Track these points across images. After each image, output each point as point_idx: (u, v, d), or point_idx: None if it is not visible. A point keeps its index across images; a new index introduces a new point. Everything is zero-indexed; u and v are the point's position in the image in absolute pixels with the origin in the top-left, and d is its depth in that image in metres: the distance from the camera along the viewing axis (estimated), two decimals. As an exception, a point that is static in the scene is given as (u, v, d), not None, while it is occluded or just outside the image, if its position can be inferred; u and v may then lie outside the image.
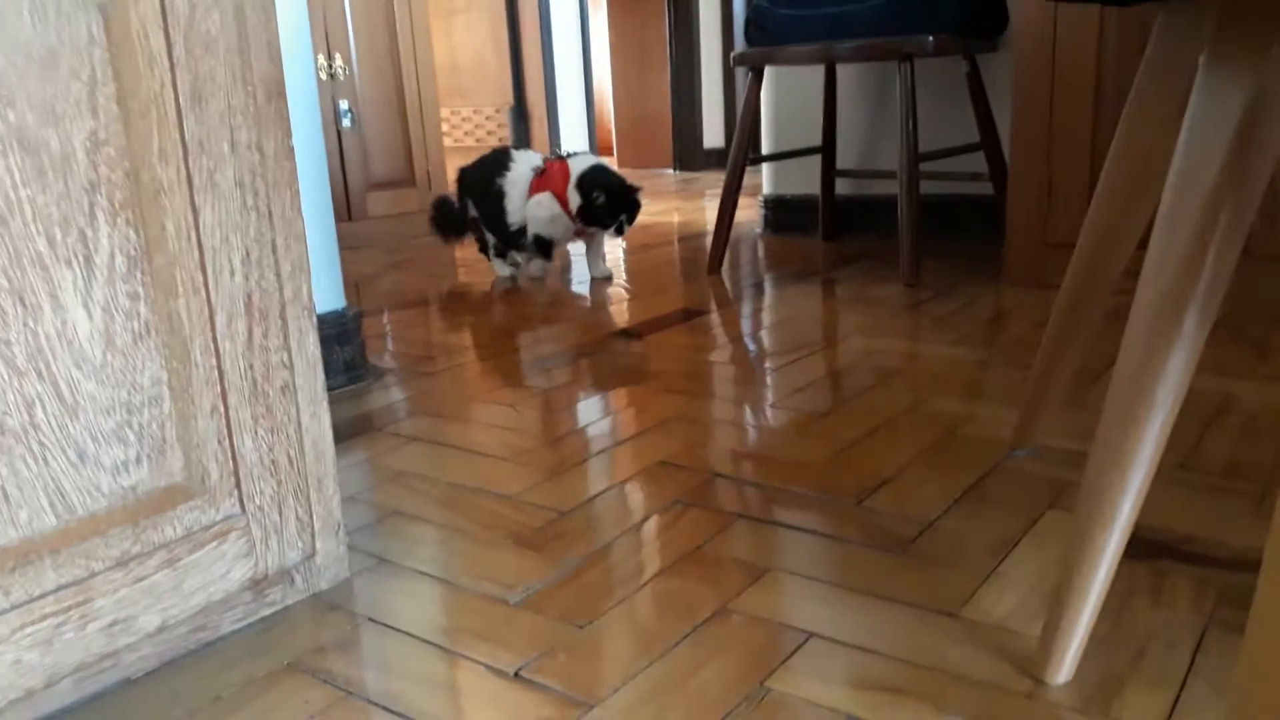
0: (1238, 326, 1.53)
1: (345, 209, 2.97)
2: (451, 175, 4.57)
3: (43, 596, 0.65)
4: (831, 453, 1.12)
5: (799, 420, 1.23)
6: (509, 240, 2.30)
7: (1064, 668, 0.67)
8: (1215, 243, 0.65)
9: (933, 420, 1.21)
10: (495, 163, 2.30)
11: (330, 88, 2.84)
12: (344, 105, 2.88)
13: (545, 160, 2.27)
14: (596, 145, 4.79)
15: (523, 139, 4.49)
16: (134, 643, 0.72)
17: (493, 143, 4.48)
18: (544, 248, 2.26)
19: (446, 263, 2.69)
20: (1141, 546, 0.85)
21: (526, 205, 2.22)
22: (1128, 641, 0.72)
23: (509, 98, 4.44)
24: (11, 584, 0.64)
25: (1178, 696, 0.66)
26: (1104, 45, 1.78)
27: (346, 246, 2.99)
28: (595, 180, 2.17)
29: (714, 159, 5.71)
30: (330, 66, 2.82)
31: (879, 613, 0.78)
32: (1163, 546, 0.85)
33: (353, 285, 2.42)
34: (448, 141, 4.58)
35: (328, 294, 1.47)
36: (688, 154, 5.74)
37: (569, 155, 2.28)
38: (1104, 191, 0.91)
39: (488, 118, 4.47)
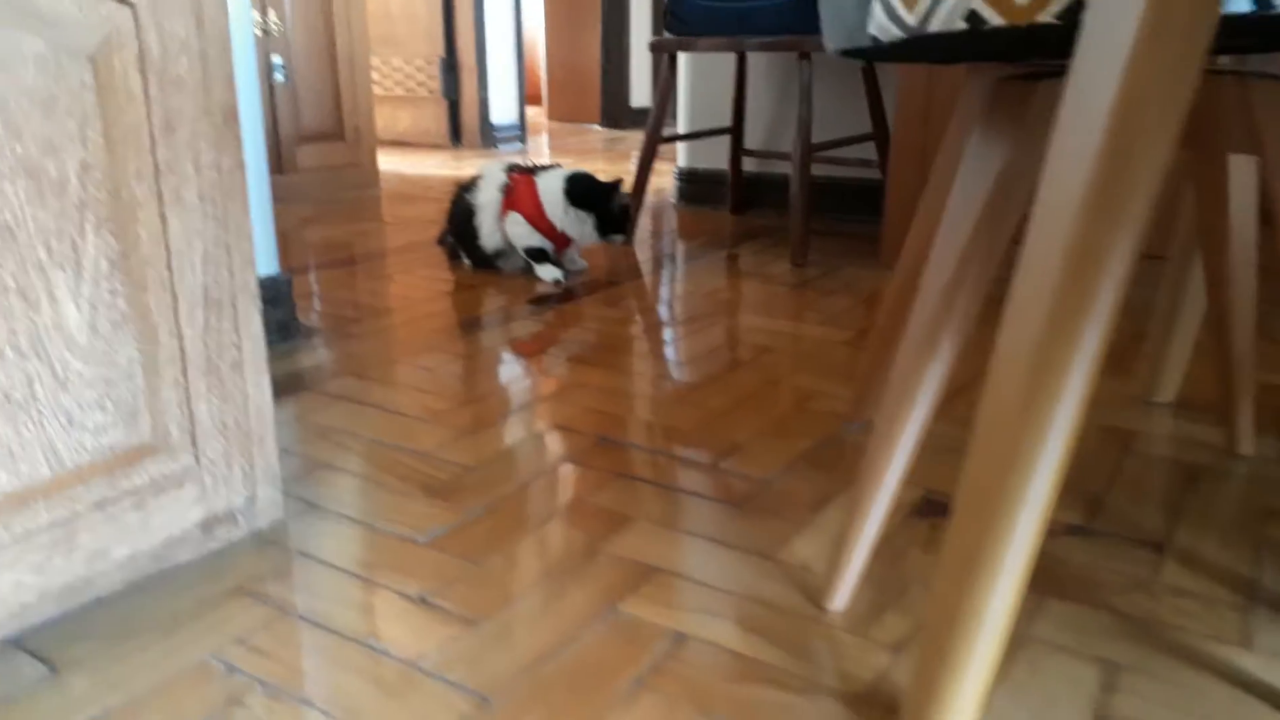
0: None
1: (276, 162, 3.06)
2: (381, 126, 4.63)
3: (38, 531, 0.81)
4: (700, 420, 1.32)
5: (679, 391, 1.43)
6: (483, 262, 2.21)
7: (840, 598, 0.89)
8: (965, 287, 0.85)
9: (788, 394, 1.42)
10: (470, 181, 2.19)
11: (264, 43, 2.91)
12: (277, 60, 2.95)
13: (508, 173, 2.15)
14: (524, 97, 4.88)
15: (452, 90, 4.57)
16: (107, 569, 0.88)
17: (423, 94, 4.55)
18: (541, 256, 2.13)
19: (373, 219, 2.82)
20: (926, 506, 1.07)
21: (504, 225, 2.12)
22: (895, 582, 0.94)
23: (440, 49, 4.50)
24: (13, 521, 0.80)
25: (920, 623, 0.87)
26: (976, 57, 1.98)
27: (275, 199, 3.08)
28: (577, 195, 2.05)
29: (640, 118, 5.85)
30: (265, 22, 2.89)
31: (714, 554, 0.98)
32: (942, 506, 1.08)
33: (281, 238, 2.53)
34: (378, 91, 4.63)
35: (263, 260, 1.62)
36: (615, 111, 5.86)
37: (534, 169, 2.15)
38: (921, 207, 1.12)
39: (418, 68, 4.53)
